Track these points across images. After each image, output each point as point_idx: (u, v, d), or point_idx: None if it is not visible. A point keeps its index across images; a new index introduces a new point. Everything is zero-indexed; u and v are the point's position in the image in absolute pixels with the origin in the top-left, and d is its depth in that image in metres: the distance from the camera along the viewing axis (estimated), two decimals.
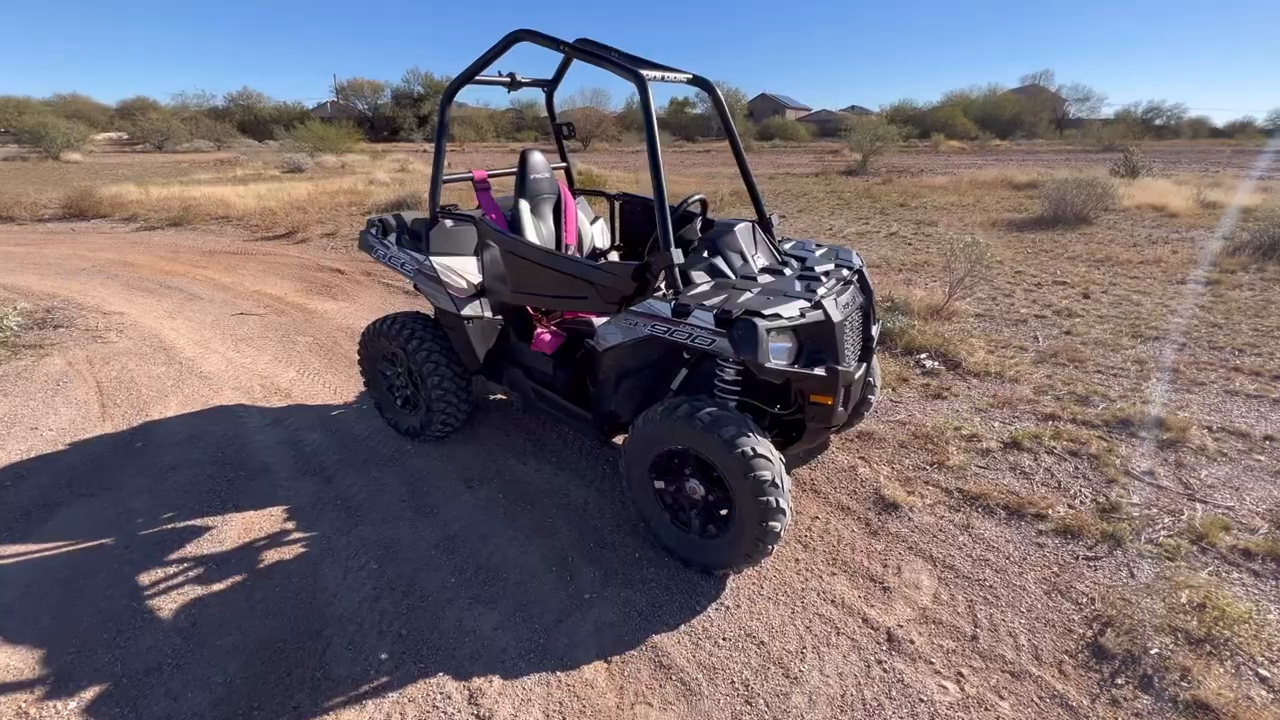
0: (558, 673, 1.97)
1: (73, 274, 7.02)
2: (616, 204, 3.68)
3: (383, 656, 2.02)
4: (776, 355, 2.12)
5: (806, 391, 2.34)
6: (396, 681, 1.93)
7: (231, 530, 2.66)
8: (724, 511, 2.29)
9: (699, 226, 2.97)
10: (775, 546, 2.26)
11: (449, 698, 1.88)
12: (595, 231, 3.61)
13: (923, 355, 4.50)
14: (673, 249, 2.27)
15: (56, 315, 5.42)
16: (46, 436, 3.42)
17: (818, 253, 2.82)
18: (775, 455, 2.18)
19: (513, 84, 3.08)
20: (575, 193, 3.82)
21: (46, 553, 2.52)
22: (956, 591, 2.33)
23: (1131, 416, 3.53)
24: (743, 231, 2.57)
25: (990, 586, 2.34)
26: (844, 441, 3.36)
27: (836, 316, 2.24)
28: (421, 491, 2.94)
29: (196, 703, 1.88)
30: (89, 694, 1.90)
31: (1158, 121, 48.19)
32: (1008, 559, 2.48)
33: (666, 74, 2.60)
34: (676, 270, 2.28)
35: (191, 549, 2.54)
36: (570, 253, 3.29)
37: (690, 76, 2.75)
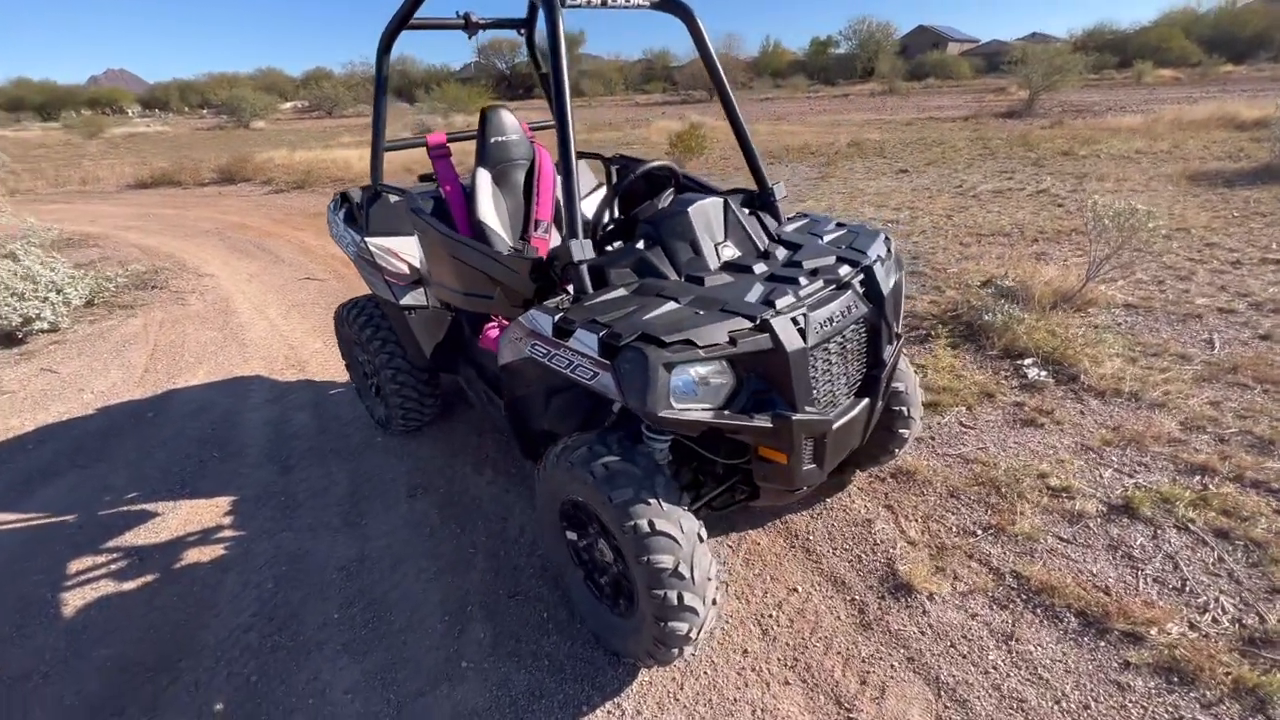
0: None
1: (196, 235, 7.81)
2: (614, 169, 3.08)
3: (218, 707, 1.80)
4: (687, 396, 1.50)
5: (752, 443, 1.70)
6: None
7: (174, 520, 2.61)
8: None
9: (669, 202, 2.32)
10: (688, 650, 1.69)
11: None
12: (591, 204, 3.06)
13: (1027, 361, 3.44)
14: (579, 239, 1.70)
15: (160, 276, 5.99)
16: (86, 399, 3.68)
17: (828, 237, 2.06)
18: (688, 533, 1.58)
19: (469, 26, 2.57)
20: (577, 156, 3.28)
21: (17, 525, 2.63)
22: None
23: None
24: (701, 212, 1.90)
25: None
26: (871, 481, 2.60)
27: (794, 343, 1.55)
28: (362, 495, 2.71)
29: None
30: None
31: None
32: (1059, 703, 1.69)
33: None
34: (584, 269, 1.71)
35: (129, 537, 2.52)
36: (542, 230, 2.78)
37: (656, 1, 2.06)
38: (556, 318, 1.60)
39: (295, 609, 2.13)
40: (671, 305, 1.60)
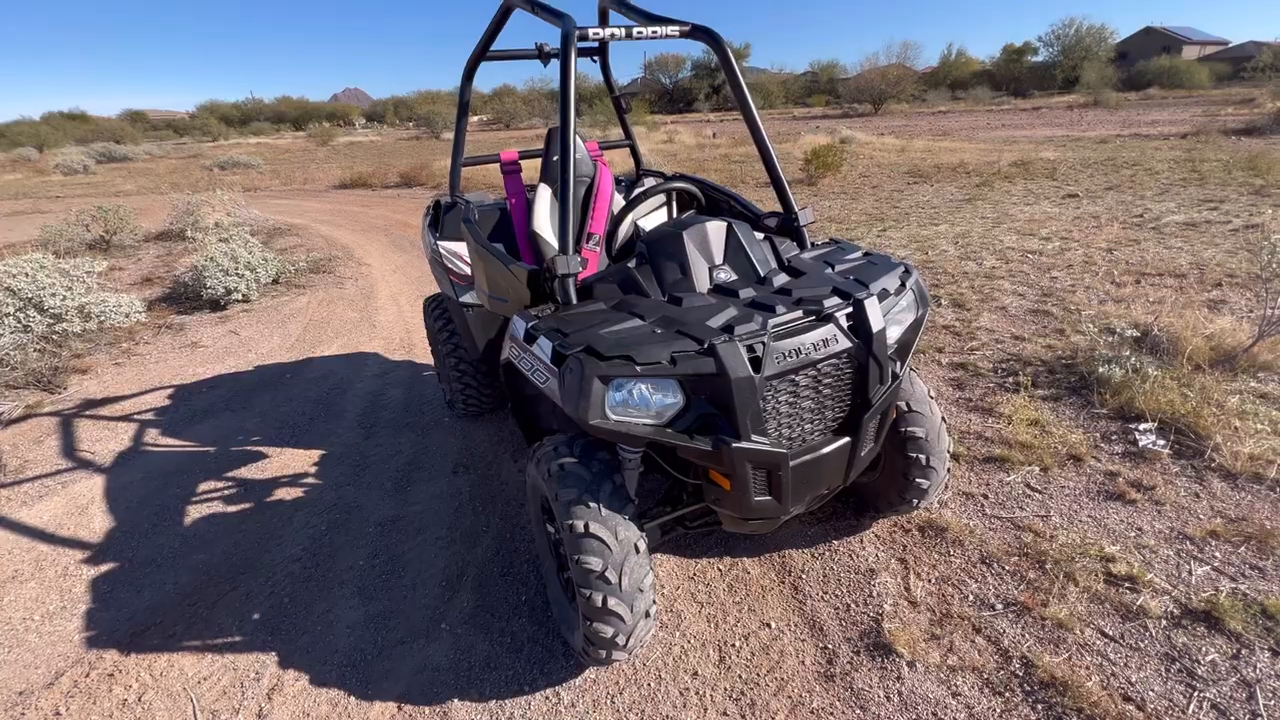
0: (352, 700, 1.87)
1: (368, 230, 9.19)
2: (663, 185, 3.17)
3: (255, 616, 2.19)
4: (625, 408, 1.56)
5: (700, 465, 1.71)
6: (241, 646, 2.07)
7: (276, 462, 3.18)
8: None
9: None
10: (619, 655, 1.73)
11: (258, 681, 1.94)
12: (653, 220, 3.18)
13: (1143, 425, 2.93)
14: (569, 254, 1.84)
15: (331, 263, 7.16)
16: (250, 358, 4.57)
17: (840, 267, 1.98)
18: (622, 541, 1.64)
19: (542, 55, 2.82)
20: (640, 175, 3.43)
21: (178, 449, 3.38)
22: None
23: None
24: (698, 234, 1.93)
25: None
26: (893, 530, 2.41)
27: (739, 370, 1.54)
28: (417, 465, 3.08)
29: (145, 600, 2.32)
30: (103, 568, 2.50)
31: None
32: None
33: (643, 28, 2.06)
34: (569, 281, 1.84)
35: (243, 471, 3.12)
36: (593, 243, 2.96)
37: (685, 29, 2.12)
38: (529, 324, 1.75)
39: (334, 550, 2.51)
40: (635, 322, 1.67)
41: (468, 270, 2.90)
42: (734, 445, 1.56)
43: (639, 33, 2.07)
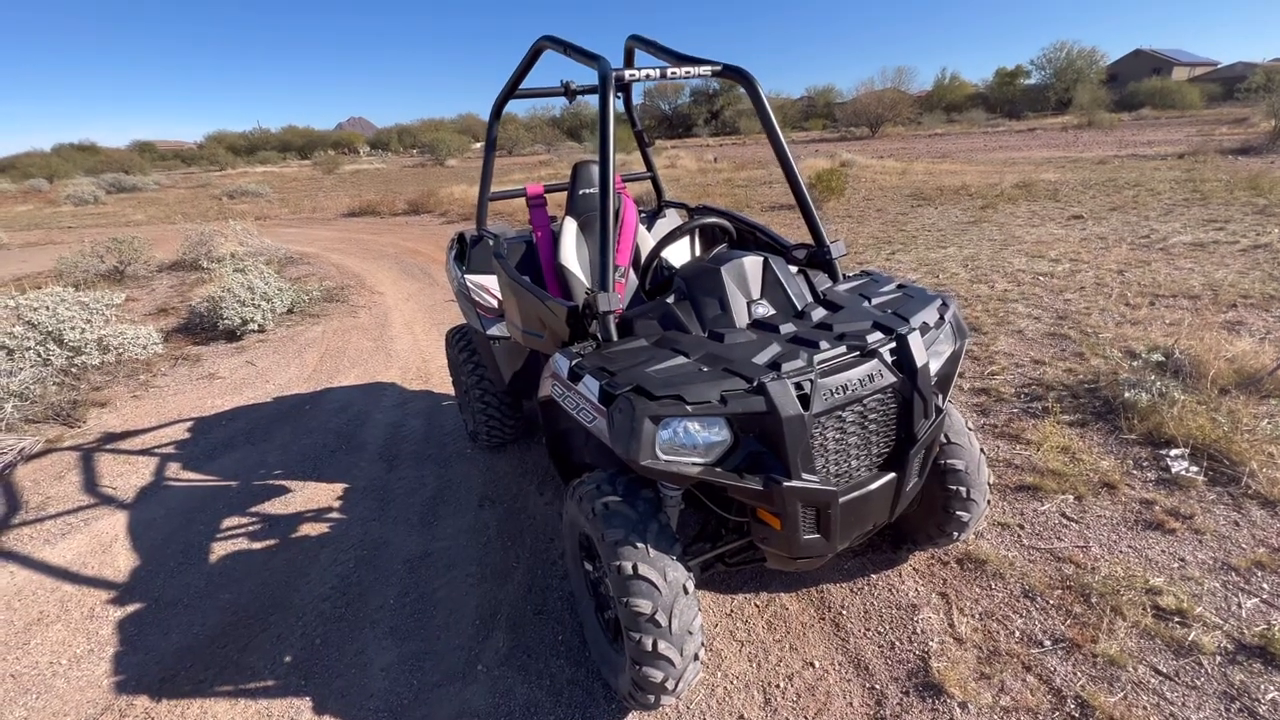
0: None
1: (379, 258, 9.26)
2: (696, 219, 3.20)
3: (287, 659, 2.15)
4: (674, 448, 1.55)
5: (748, 504, 1.69)
6: (275, 691, 2.03)
7: (300, 497, 3.16)
8: None
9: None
10: (667, 700, 1.70)
11: None
12: (674, 251, 3.21)
13: (1173, 452, 2.91)
14: (607, 291, 1.84)
15: (344, 292, 7.21)
16: (268, 389, 4.57)
17: (877, 300, 1.98)
18: (671, 583, 1.62)
19: (568, 93, 2.87)
20: (662, 206, 3.46)
21: (199, 483, 3.36)
22: None
23: None
24: (736, 269, 1.94)
25: None
26: (930, 563, 2.37)
27: (790, 409, 1.53)
28: (442, 499, 3.05)
29: (174, 643, 2.28)
30: (130, 609, 2.47)
31: None
32: None
33: (676, 69, 2.10)
34: (609, 318, 1.84)
35: (266, 506, 3.10)
36: (619, 275, 2.97)
37: (717, 69, 2.16)
38: (573, 362, 1.75)
39: (364, 589, 2.47)
40: (680, 360, 1.67)
41: (494, 303, 2.92)
42: (786, 485, 1.55)
43: (672, 73, 2.11)
